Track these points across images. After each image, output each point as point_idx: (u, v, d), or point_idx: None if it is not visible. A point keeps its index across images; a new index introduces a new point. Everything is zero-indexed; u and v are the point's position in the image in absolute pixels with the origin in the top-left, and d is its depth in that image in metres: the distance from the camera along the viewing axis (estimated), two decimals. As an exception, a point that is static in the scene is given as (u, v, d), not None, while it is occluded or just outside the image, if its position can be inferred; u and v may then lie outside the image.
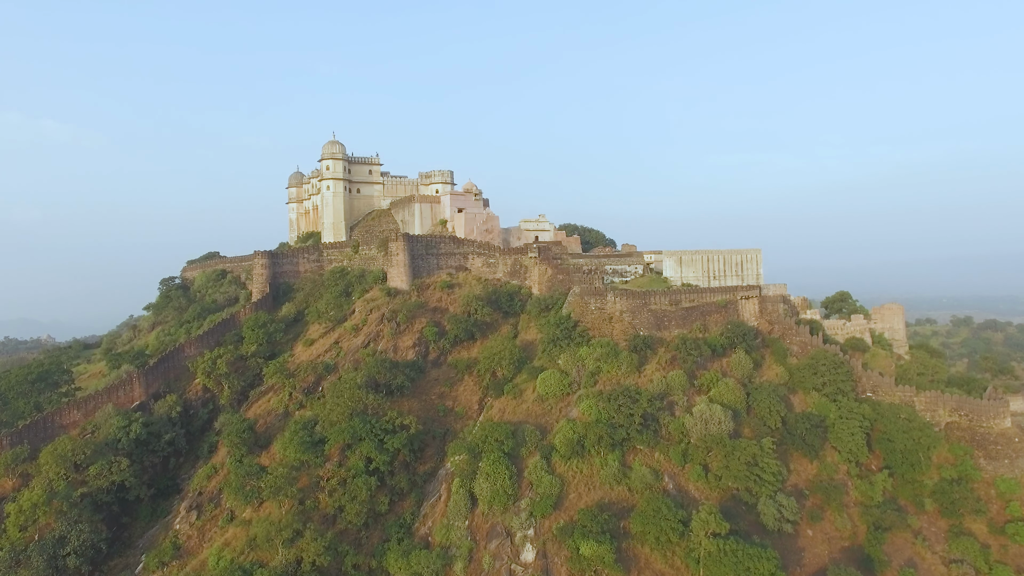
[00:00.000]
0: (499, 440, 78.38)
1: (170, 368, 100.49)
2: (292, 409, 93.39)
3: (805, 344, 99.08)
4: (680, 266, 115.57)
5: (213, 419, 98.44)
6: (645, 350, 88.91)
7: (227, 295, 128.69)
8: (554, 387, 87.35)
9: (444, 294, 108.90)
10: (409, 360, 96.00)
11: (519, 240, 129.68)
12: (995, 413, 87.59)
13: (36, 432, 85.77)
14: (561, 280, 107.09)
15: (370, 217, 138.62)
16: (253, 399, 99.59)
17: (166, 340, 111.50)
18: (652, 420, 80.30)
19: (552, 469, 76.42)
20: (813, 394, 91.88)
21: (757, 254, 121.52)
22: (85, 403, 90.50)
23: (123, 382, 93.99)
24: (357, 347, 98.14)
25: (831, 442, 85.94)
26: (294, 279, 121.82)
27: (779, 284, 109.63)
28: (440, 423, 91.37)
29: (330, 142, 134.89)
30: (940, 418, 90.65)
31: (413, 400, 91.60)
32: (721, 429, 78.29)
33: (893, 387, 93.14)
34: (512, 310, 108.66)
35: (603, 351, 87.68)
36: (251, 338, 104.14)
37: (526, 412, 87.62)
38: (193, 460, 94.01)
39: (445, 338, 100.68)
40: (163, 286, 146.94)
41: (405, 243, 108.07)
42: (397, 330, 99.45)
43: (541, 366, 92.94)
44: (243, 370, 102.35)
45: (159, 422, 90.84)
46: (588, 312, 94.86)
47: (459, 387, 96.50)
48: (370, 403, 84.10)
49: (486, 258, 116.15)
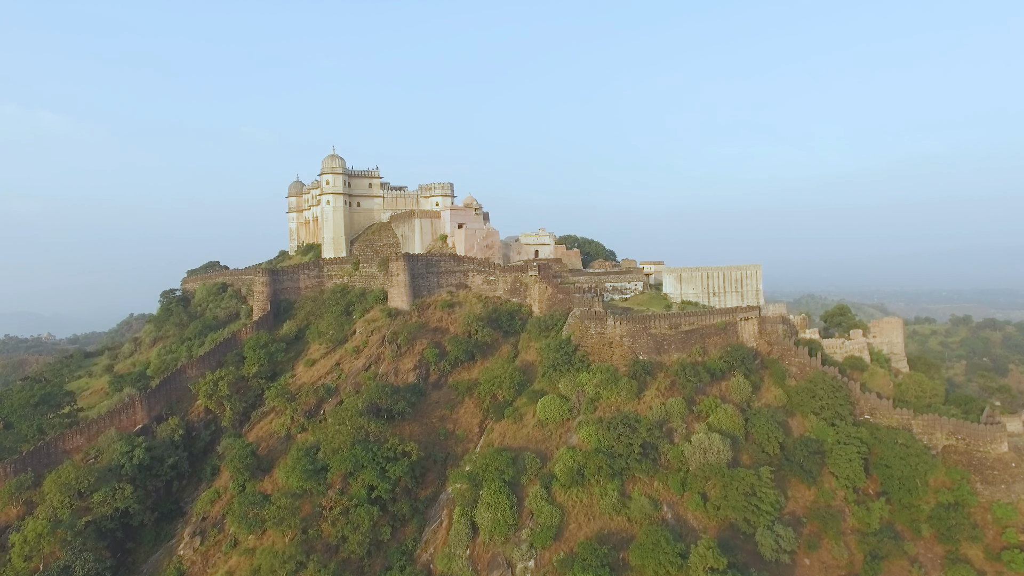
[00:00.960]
0: (500, 469, 79.05)
1: (172, 390, 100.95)
2: (294, 432, 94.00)
3: (804, 365, 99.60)
4: (680, 283, 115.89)
5: (215, 440, 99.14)
6: (645, 376, 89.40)
7: (228, 310, 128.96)
8: (554, 412, 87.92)
9: (444, 314, 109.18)
10: (410, 383, 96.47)
11: (519, 255, 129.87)
12: (992, 438, 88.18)
13: (39, 458, 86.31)
14: (561, 300, 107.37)
15: (370, 231, 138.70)
16: (255, 420, 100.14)
17: (168, 359, 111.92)
18: (651, 449, 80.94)
19: (552, 498, 77.12)
20: (811, 418, 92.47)
21: (756, 270, 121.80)
22: (88, 428, 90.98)
23: (125, 406, 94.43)
24: (358, 370, 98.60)
25: (829, 467, 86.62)
26: (295, 296, 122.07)
27: (779, 303, 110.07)
28: (441, 447, 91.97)
29: (330, 156, 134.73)
30: (937, 441, 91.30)
31: (414, 424, 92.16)
32: (720, 458, 78.93)
33: (891, 410, 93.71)
34: (512, 329, 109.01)
35: (603, 377, 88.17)
36: (252, 358, 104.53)
37: (526, 437, 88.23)
38: (196, 482, 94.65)
39: (446, 359, 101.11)
40: (164, 299, 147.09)
41: (405, 263, 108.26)
42: (398, 352, 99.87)
43: (541, 389, 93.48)
44: (245, 391, 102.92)
45: (162, 446, 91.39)
46: (588, 336, 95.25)
47: (460, 409, 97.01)
48: (372, 430, 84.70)
49: (486, 275, 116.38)
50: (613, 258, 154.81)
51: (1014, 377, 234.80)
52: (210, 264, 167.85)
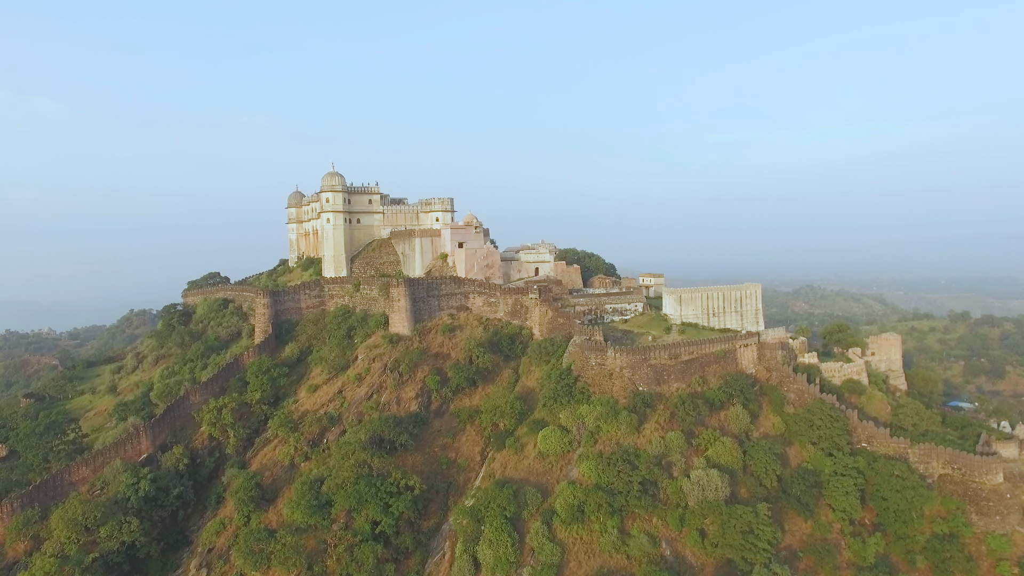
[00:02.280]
0: (501, 505, 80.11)
1: (176, 417, 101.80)
2: (298, 461, 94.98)
3: (802, 392, 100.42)
4: (680, 304, 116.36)
5: (220, 467, 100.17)
6: (644, 409, 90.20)
7: (229, 329, 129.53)
8: (555, 445, 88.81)
9: (446, 338, 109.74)
10: (412, 412, 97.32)
11: (519, 273, 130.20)
12: (987, 469, 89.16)
13: (46, 491, 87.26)
14: (562, 324, 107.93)
15: (370, 248, 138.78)
16: (258, 446, 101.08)
17: (171, 383, 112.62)
18: (651, 485, 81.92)
19: (553, 535, 78.20)
20: (809, 447, 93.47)
21: (756, 289, 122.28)
22: (93, 459, 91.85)
23: (130, 436, 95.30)
24: (361, 398, 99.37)
25: (826, 499, 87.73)
26: (296, 316, 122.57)
27: (778, 328, 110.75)
28: (443, 476, 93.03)
29: (329, 174, 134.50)
30: (934, 470, 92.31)
31: (416, 454, 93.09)
32: (717, 495, 79.96)
33: (888, 438, 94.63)
34: (513, 353, 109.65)
35: (603, 409, 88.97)
36: (255, 384, 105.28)
37: (527, 469, 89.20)
38: (201, 510, 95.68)
39: (447, 386, 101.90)
40: (165, 314, 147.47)
41: (407, 289, 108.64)
42: (400, 380, 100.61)
43: (542, 419, 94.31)
44: (248, 417, 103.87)
45: (167, 476, 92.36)
46: (589, 367, 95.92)
47: (461, 437, 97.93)
48: (375, 465, 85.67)
49: (487, 297, 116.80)
50: (613, 272, 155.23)
51: (1011, 380, 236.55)
52: (210, 275, 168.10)
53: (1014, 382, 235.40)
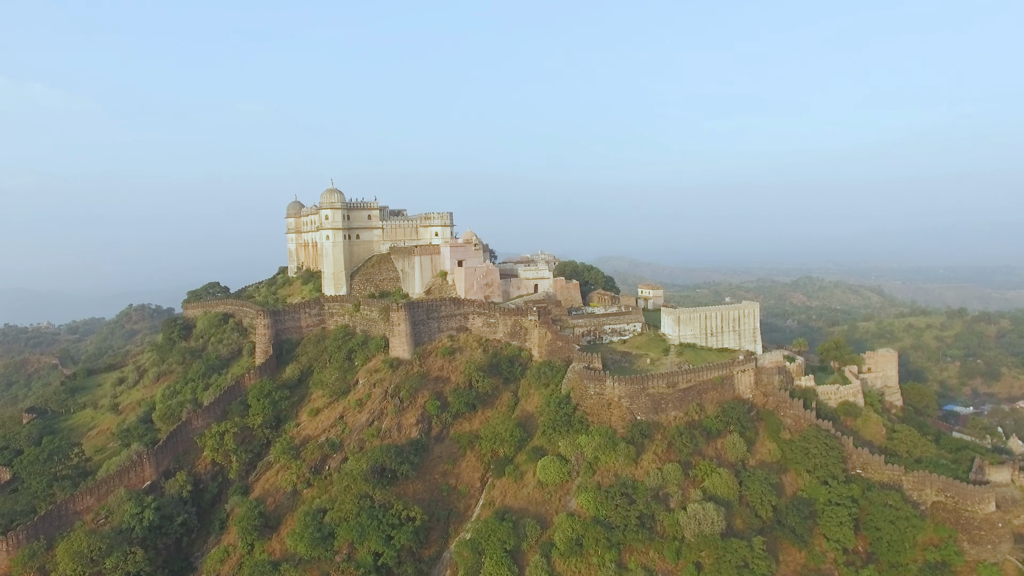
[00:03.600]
0: (501, 539, 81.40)
1: (179, 442, 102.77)
2: (300, 488, 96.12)
3: (799, 418, 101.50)
4: (678, 325, 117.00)
5: (223, 491, 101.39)
6: (642, 439, 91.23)
7: (230, 347, 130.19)
8: (554, 474, 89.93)
9: (446, 361, 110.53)
10: (413, 438, 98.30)
11: (519, 290, 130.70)
12: (980, 498, 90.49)
13: (51, 522, 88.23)
14: (561, 347, 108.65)
15: (370, 264, 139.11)
16: (261, 470, 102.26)
17: (173, 404, 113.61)
18: (648, 518, 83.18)
19: (552, 568, 79.59)
20: (805, 475, 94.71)
21: (754, 308, 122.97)
22: (98, 488, 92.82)
23: (134, 463, 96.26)
24: (362, 425, 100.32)
25: (820, 528, 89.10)
26: (296, 335, 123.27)
27: (775, 352, 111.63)
28: (444, 503, 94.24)
29: (328, 191, 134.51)
30: (927, 497, 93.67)
31: (417, 482, 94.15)
32: (714, 529, 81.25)
33: (882, 466, 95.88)
34: (512, 375, 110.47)
35: (601, 440, 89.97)
36: (257, 408, 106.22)
37: (527, 498, 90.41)
38: (205, 535, 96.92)
39: (447, 411, 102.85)
40: (166, 328, 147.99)
41: (407, 313, 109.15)
42: (400, 406, 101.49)
43: (541, 447, 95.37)
44: (250, 441, 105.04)
45: (171, 504, 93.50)
46: (587, 396, 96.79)
47: (462, 463, 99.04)
48: (377, 497, 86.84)
49: (486, 318, 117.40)
50: (612, 285, 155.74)
51: (1006, 382, 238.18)
52: (210, 285, 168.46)
53: (1009, 384, 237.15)
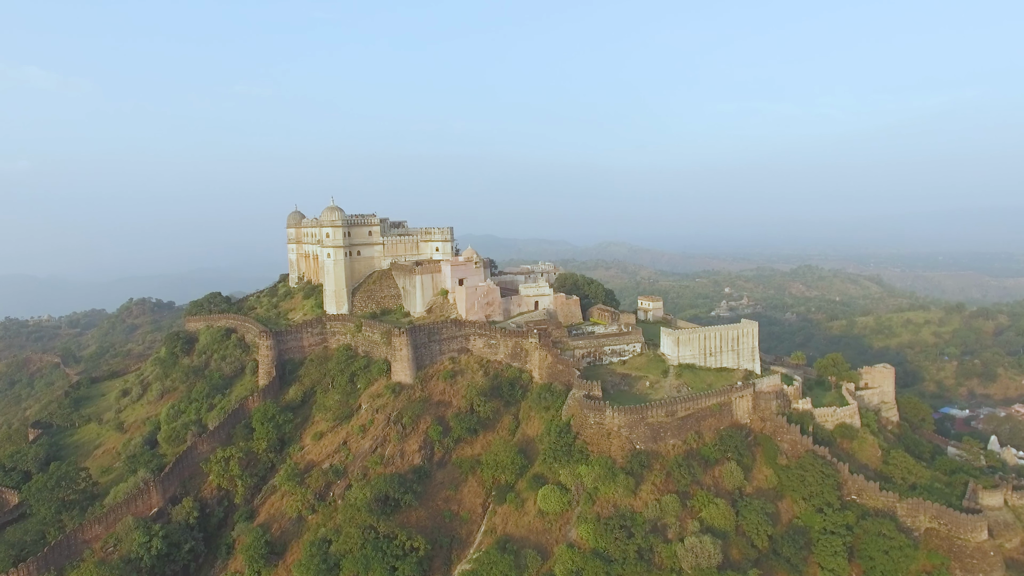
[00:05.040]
0: (503, 572, 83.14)
1: (185, 468, 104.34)
2: (305, 514, 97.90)
3: (795, 443, 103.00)
4: (677, 346, 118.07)
5: (229, 515, 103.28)
6: (641, 470, 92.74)
7: (233, 365, 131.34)
8: (555, 504, 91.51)
9: (447, 385, 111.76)
10: (415, 465, 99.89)
11: (519, 307, 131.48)
12: (972, 527, 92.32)
13: (61, 552, 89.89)
14: (561, 371, 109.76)
15: (371, 280, 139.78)
16: (266, 494, 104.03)
17: (177, 426, 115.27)
18: (646, 551, 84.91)
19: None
20: (800, 503, 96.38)
21: (752, 328, 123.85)
22: (106, 516, 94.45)
23: (141, 491, 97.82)
24: (365, 452, 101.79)
25: (815, 557, 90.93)
26: (299, 355, 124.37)
27: (773, 375, 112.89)
28: (446, 529, 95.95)
29: (329, 208, 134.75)
30: (920, 524, 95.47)
31: (420, 510, 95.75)
32: (710, 562, 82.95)
33: (877, 492, 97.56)
34: (513, 398, 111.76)
35: (601, 471, 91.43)
36: (261, 432, 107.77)
37: (528, 527, 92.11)
38: (212, 560, 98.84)
39: (449, 436, 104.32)
40: (169, 342, 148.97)
41: (408, 338, 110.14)
42: (403, 433, 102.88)
43: (542, 474, 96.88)
44: (255, 465, 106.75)
45: (178, 531, 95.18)
46: (587, 425, 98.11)
47: (464, 489, 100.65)
48: (381, 529, 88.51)
49: (487, 339, 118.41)
50: (612, 299, 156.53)
51: (1002, 383, 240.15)
52: (212, 296, 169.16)
53: (1004, 385, 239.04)
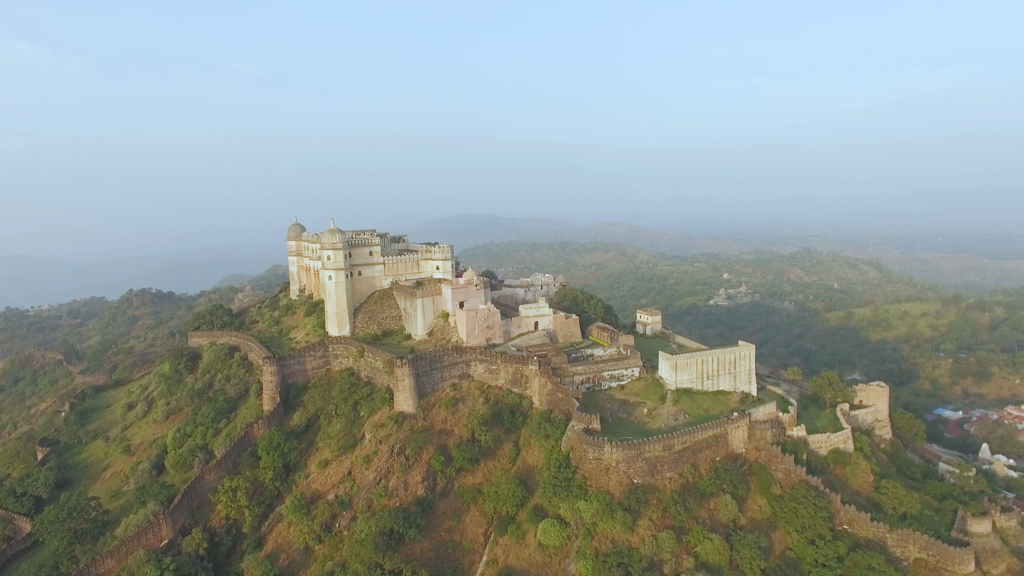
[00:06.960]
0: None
1: (193, 498, 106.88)
2: (311, 544, 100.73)
3: (789, 472, 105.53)
4: (675, 371, 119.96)
5: (238, 543, 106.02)
6: (639, 506, 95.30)
7: (237, 385, 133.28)
8: (554, 538, 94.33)
9: (449, 413, 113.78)
10: (419, 497, 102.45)
11: (519, 328, 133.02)
12: (959, 559, 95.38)
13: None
14: (560, 399, 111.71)
15: (372, 300, 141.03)
16: (273, 521, 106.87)
17: (184, 452, 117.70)
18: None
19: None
20: (793, 535, 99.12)
21: (750, 351, 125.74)
22: (117, 551, 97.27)
23: (151, 524, 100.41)
24: (370, 484, 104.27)
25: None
26: (302, 379, 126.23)
27: (769, 404, 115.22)
28: (449, 560, 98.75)
29: (329, 231, 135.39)
30: (910, 554, 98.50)
31: (424, 542, 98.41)
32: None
33: (868, 523, 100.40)
34: (514, 425, 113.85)
35: (600, 506, 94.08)
36: (267, 461, 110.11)
37: (528, 560, 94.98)
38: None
39: (451, 466, 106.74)
40: (173, 359, 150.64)
41: (410, 368, 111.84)
42: (406, 464, 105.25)
43: (542, 506, 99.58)
44: (261, 494, 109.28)
45: (188, 563, 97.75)
46: (586, 460, 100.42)
47: (466, 518, 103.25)
48: (387, 566, 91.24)
49: (488, 364, 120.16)
50: (611, 315, 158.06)
51: (996, 383, 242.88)
52: (215, 307, 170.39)
53: (999, 385, 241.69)
